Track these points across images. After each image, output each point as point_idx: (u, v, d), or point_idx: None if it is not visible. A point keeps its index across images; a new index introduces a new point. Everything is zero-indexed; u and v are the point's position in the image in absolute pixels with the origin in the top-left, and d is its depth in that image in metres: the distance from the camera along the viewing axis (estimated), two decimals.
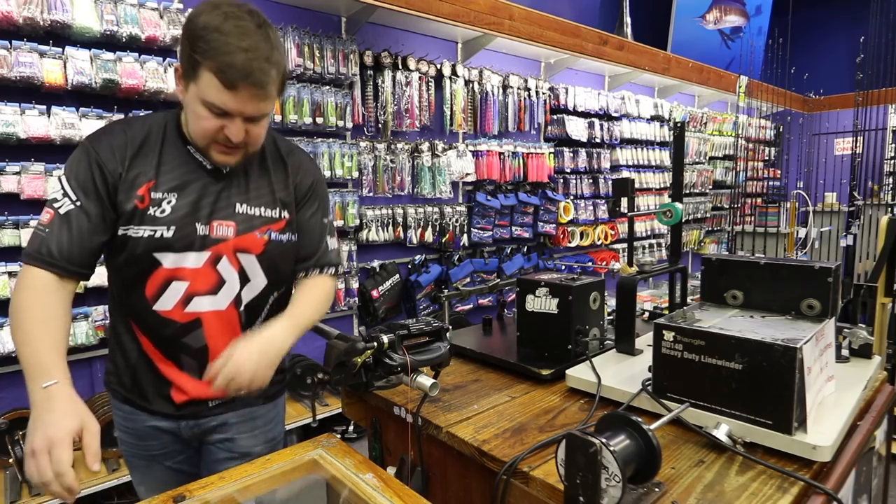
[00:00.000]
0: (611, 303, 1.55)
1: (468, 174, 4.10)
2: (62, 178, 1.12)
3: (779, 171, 6.94)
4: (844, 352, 1.33)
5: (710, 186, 6.57)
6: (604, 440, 0.76)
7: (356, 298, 3.58)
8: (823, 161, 5.90)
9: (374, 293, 3.63)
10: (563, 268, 4.77)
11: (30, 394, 0.97)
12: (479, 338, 1.65)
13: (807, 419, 0.93)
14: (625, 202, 1.85)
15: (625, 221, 4.63)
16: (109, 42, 2.57)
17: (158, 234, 1.15)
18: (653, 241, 5.92)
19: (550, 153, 4.72)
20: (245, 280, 1.24)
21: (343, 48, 3.32)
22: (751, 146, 6.15)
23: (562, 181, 4.91)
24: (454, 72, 3.97)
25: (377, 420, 1.33)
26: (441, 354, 1.19)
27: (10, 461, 2.42)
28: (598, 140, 5.03)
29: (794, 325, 1.11)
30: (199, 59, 1.03)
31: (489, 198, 4.28)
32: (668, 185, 5.75)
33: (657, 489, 0.85)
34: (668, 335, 1.04)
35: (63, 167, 1.14)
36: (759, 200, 5.42)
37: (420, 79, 3.77)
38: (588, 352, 1.37)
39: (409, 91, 3.70)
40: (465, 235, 4.18)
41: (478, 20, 3.68)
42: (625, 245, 5.43)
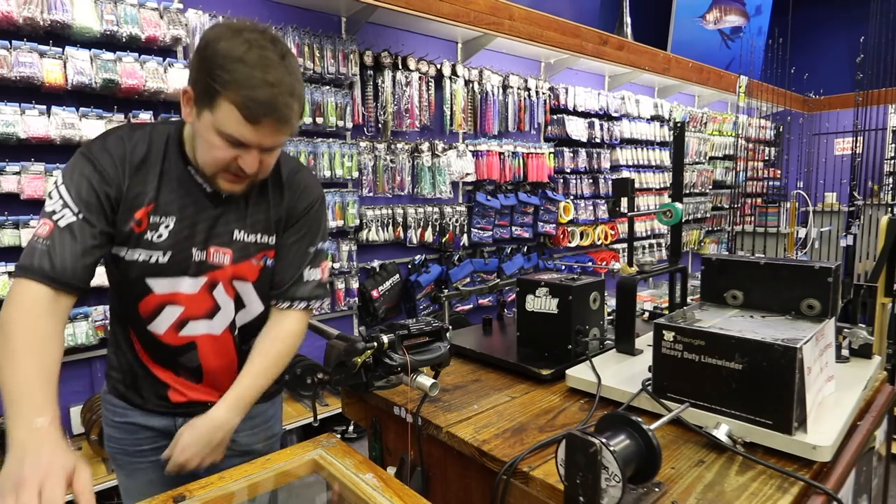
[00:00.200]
0: (611, 303, 1.55)
1: (468, 174, 4.10)
2: (60, 189, 1.05)
3: (779, 171, 6.94)
4: (844, 352, 1.33)
5: (710, 186, 6.57)
6: (604, 440, 0.76)
7: (356, 298, 3.58)
8: (823, 161, 5.90)
9: (374, 293, 3.63)
10: (563, 268, 4.77)
11: (11, 430, 0.86)
12: (479, 338, 1.65)
13: (807, 419, 0.93)
14: (625, 202, 1.85)
15: (625, 221, 4.63)
16: (109, 42, 2.57)
17: (154, 260, 1.13)
18: (653, 241, 5.92)
19: (550, 153, 4.72)
20: (240, 306, 1.24)
21: (343, 48, 3.32)
22: (751, 146, 6.15)
23: (562, 181, 4.91)
24: (454, 72, 3.97)
25: (377, 420, 1.33)
26: (441, 354, 1.19)
27: None
28: (598, 140, 5.03)
29: (794, 325, 1.11)
30: (220, 89, 0.98)
31: (489, 198, 4.28)
32: (668, 185, 5.75)
33: (657, 489, 0.85)
34: (668, 335, 1.04)
35: (59, 176, 1.07)
36: (759, 200, 5.42)
37: (420, 79, 3.77)
38: (588, 352, 1.37)
39: (409, 91, 3.70)
40: (465, 235, 4.18)
41: (478, 20, 3.68)
42: (625, 245, 5.42)
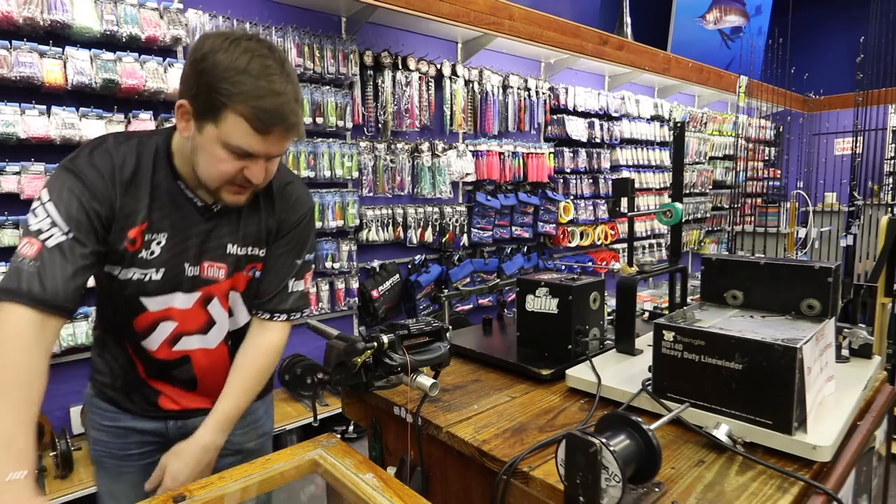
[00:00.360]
0: (611, 303, 1.55)
1: (468, 174, 4.10)
2: (47, 206, 1.00)
3: (779, 171, 6.94)
4: (844, 352, 1.33)
5: (710, 186, 6.57)
6: (604, 440, 0.76)
7: (356, 298, 3.58)
8: (823, 161, 5.90)
9: (374, 293, 3.63)
10: (563, 268, 4.77)
11: None
12: (479, 338, 1.65)
13: (807, 419, 0.93)
14: (625, 202, 1.85)
15: (625, 221, 4.63)
16: (109, 42, 2.57)
17: (147, 278, 1.12)
18: (653, 241, 5.92)
19: (550, 153, 4.72)
20: (231, 315, 1.26)
21: (343, 48, 3.32)
22: (751, 146, 6.15)
23: (562, 181, 4.91)
24: (454, 72, 3.97)
25: (377, 420, 1.33)
26: (441, 354, 1.19)
27: None
28: (598, 140, 5.03)
29: (794, 325, 1.11)
30: (225, 102, 0.96)
31: (489, 198, 4.28)
32: (668, 185, 5.75)
33: (657, 489, 0.85)
34: (668, 335, 1.04)
35: (42, 192, 1.01)
36: (759, 200, 5.42)
37: (420, 79, 3.77)
38: (588, 352, 1.37)
39: (409, 91, 3.70)
40: (465, 235, 4.18)
41: (478, 20, 3.68)
42: (625, 245, 5.42)
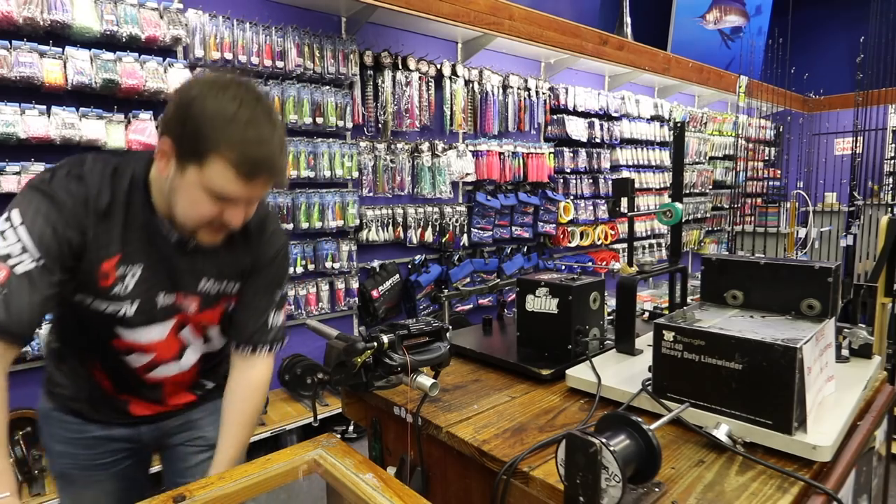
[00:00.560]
0: (611, 303, 1.54)
1: (468, 174, 4.10)
2: (18, 230, 0.95)
3: (779, 171, 6.94)
4: (844, 352, 1.33)
5: (710, 186, 6.57)
6: (604, 440, 0.76)
7: (356, 298, 3.58)
8: (823, 161, 5.90)
9: (374, 293, 3.63)
10: (563, 268, 4.77)
11: None
12: (479, 338, 1.65)
13: (807, 419, 0.93)
14: (625, 202, 1.84)
15: (625, 221, 4.63)
16: (109, 42, 2.57)
17: (121, 312, 1.11)
18: (653, 241, 5.92)
19: (550, 153, 4.72)
20: (206, 341, 1.28)
21: (343, 48, 3.32)
22: (751, 146, 6.15)
23: (562, 181, 4.91)
24: (454, 72, 3.97)
25: (377, 420, 1.33)
26: (441, 354, 1.19)
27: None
28: (598, 140, 5.03)
29: (794, 325, 1.11)
30: (211, 148, 0.95)
31: (489, 198, 4.28)
32: (668, 185, 5.75)
33: (657, 489, 0.85)
34: (668, 335, 1.04)
35: (12, 214, 0.96)
36: (759, 200, 5.42)
37: (420, 79, 3.77)
38: (588, 352, 1.37)
39: (409, 91, 3.70)
40: (465, 235, 4.18)
41: (478, 20, 3.68)
42: (625, 245, 5.42)
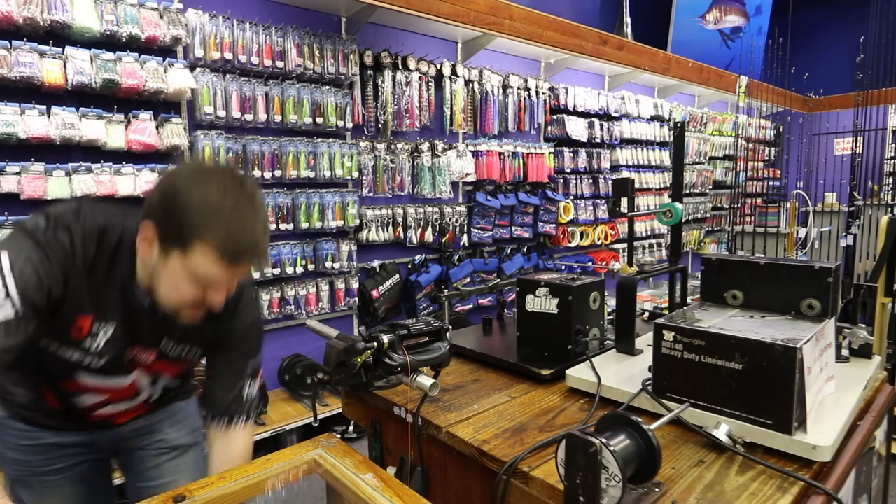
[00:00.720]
0: (611, 303, 1.55)
1: (468, 174, 4.10)
2: (6, 277, 0.94)
3: (779, 171, 6.93)
4: (844, 352, 1.33)
5: (710, 186, 6.57)
6: (604, 440, 0.76)
7: (356, 298, 3.58)
8: (823, 161, 5.90)
9: (374, 293, 3.63)
10: (563, 268, 4.77)
11: None
12: (479, 338, 1.65)
13: (807, 419, 0.93)
14: (625, 202, 1.85)
15: (625, 221, 4.63)
16: (109, 42, 2.57)
17: (87, 363, 1.12)
18: (653, 241, 5.92)
19: (550, 153, 4.72)
20: (163, 386, 1.30)
21: (343, 48, 3.32)
22: (751, 146, 6.15)
23: (562, 181, 4.91)
24: (454, 72, 3.97)
25: (377, 420, 1.33)
26: (441, 354, 1.19)
27: None
28: (598, 140, 5.03)
29: (794, 325, 1.11)
30: (195, 236, 0.96)
31: (489, 198, 4.28)
32: (668, 185, 5.75)
33: (657, 489, 0.85)
34: (668, 335, 1.04)
35: (3, 258, 0.95)
36: (759, 200, 5.41)
37: (420, 79, 3.77)
38: (588, 352, 1.37)
39: (409, 91, 3.70)
40: (465, 235, 4.18)
41: (478, 20, 3.68)
42: (625, 245, 5.42)
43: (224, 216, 0.97)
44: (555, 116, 4.76)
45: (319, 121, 3.27)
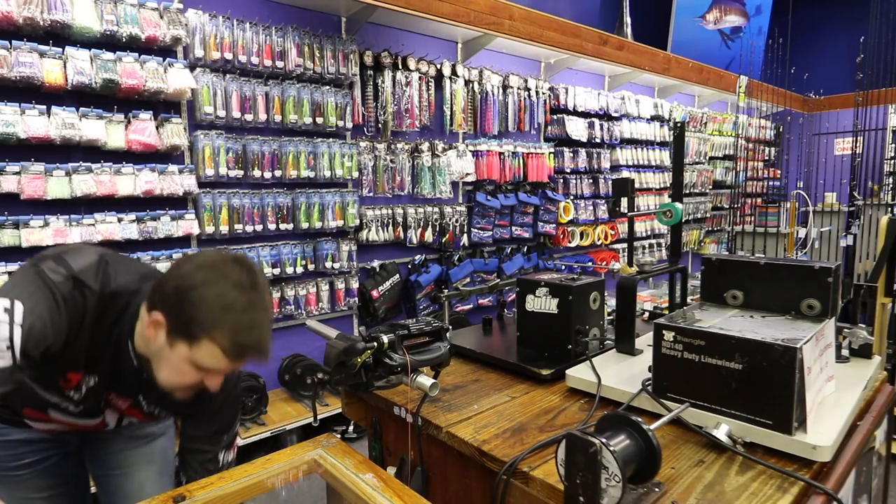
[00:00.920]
0: (611, 303, 1.55)
1: (468, 174, 4.10)
2: (14, 328, 0.95)
3: (779, 171, 6.93)
4: (844, 352, 1.33)
5: (710, 186, 6.57)
6: (604, 440, 0.76)
7: (356, 298, 3.58)
8: (823, 161, 5.90)
9: (374, 293, 3.63)
10: (563, 268, 4.77)
11: None
12: (479, 338, 1.65)
13: (807, 419, 0.93)
14: (625, 202, 1.84)
15: (625, 221, 4.63)
16: (109, 42, 2.57)
17: (64, 406, 1.17)
18: (653, 241, 5.91)
19: (550, 153, 4.72)
20: (125, 420, 1.32)
21: (343, 48, 3.32)
22: (751, 146, 6.15)
23: (562, 181, 4.91)
24: (454, 72, 3.97)
25: (377, 420, 1.33)
26: (441, 354, 1.19)
27: None
28: (598, 140, 5.03)
29: (794, 325, 1.11)
30: (205, 333, 1.00)
31: (489, 198, 4.28)
32: (668, 185, 5.75)
33: (657, 489, 0.85)
34: (668, 335, 1.04)
35: (17, 307, 0.97)
36: (759, 200, 5.41)
37: (420, 79, 3.77)
38: (588, 352, 1.37)
39: (409, 91, 3.70)
40: (465, 235, 4.18)
41: (478, 20, 3.68)
42: (625, 245, 5.43)
43: (234, 317, 1.00)
44: (555, 116, 4.76)
45: (319, 121, 3.27)
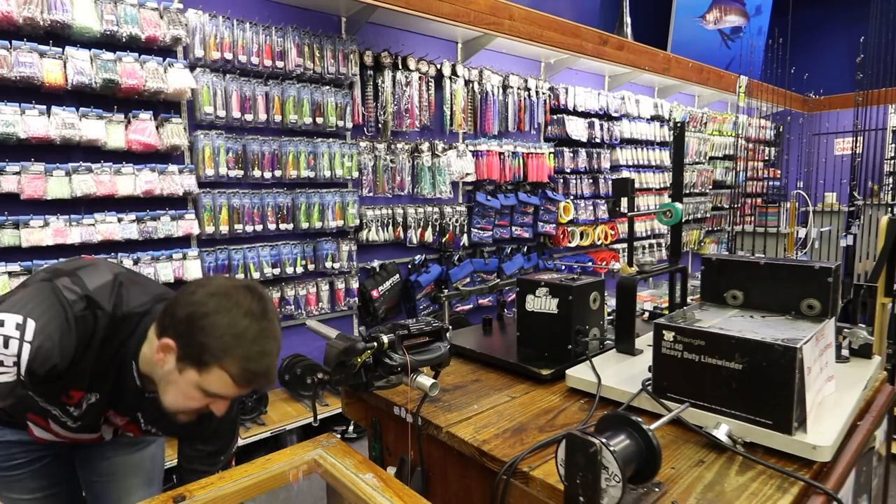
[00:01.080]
0: (611, 303, 1.55)
1: (468, 174, 4.10)
2: (23, 346, 0.96)
3: (779, 171, 6.93)
4: (844, 352, 1.33)
5: (710, 186, 6.57)
6: (604, 440, 0.76)
7: (356, 298, 3.58)
8: (823, 161, 5.90)
9: (374, 293, 3.63)
10: (563, 268, 4.77)
11: None
12: (479, 338, 1.65)
13: (807, 419, 0.93)
14: (625, 202, 1.84)
15: (625, 221, 4.63)
16: (109, 42, 2.57)
17: (63, 419, 1.18)
18: (653, 241, 5.91)
19: (550, 153, 4.72)
20: (120, 433, 1.34)
21: (343, 48, 3.32)
22: (751, 146, 6.15)
23: (562, 181, 4.91)
24: (454, 72, 3.97)
25: (377, 420, 1.33)
26: (441, 354, 1.19)
27: None
28: (598, 140, 5.03)
29: (794, 325, 1.11)
30: (215, 361, 1.00)
31: (489, 198, 4.28)
32: (668, 185, 5.75)
33: (657, 489, 0.85)
34: (668, 335, 1.04)
35: (29, 324, 0.98)
36: (759, 200, 5.41)
37: (420, 79, 3.77)
38: (588, 352, 1.37)
39: (409, 91, 3.70)
40: (465, 235, 4.18)
41: (478, 20, 3.68)
42: (625, 245, 5.42)
43: (246, 346, 1.01)
44: (555, 116, 4.76)
45: (319, 121, 3.27)
